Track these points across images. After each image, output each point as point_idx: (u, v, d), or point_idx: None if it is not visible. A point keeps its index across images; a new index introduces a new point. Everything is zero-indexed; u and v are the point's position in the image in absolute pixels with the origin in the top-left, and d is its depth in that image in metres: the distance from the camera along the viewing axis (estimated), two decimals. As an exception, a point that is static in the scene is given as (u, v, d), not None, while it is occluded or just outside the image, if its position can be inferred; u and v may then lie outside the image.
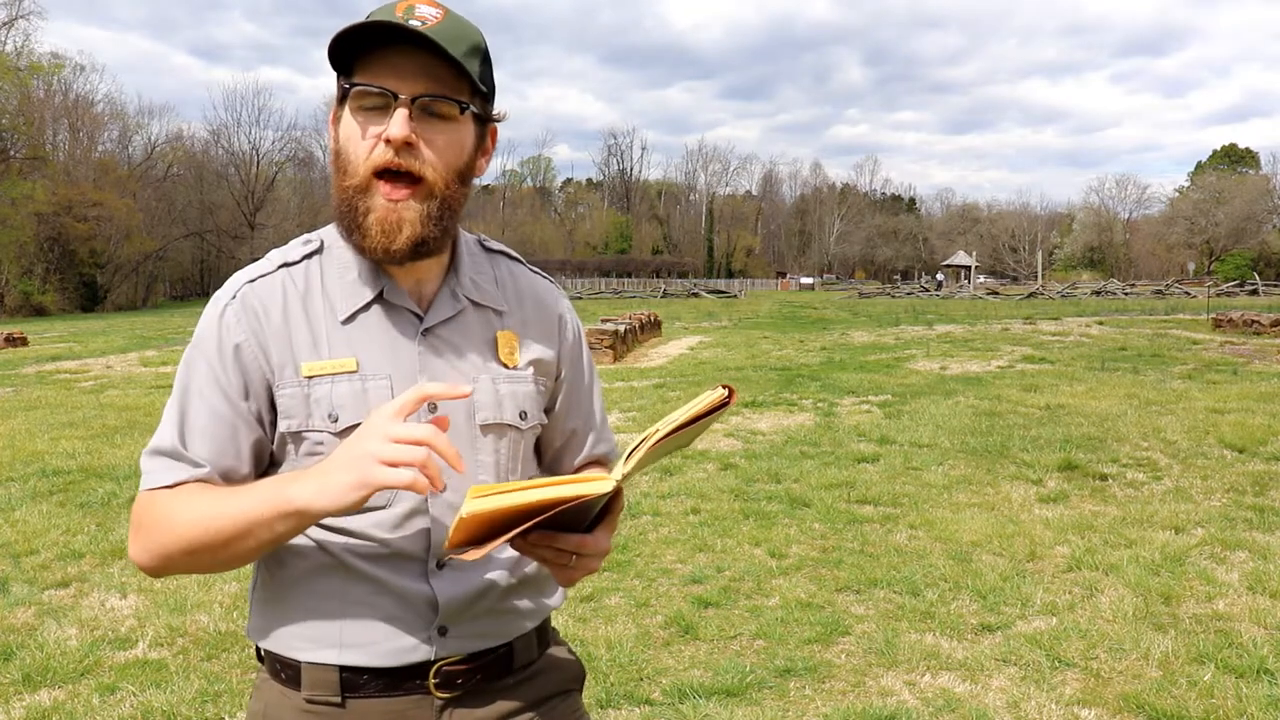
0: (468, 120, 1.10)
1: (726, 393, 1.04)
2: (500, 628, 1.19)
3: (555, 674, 1.27)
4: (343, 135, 1.09)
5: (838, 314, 29.20)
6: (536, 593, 1.23)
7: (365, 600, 1.12)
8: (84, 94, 55.23)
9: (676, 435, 1.00)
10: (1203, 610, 3.91)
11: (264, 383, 1.12)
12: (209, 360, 1.12)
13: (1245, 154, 78.47)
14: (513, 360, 1.21)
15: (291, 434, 1.12)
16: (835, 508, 5.57)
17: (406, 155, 1.06)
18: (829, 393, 10.46)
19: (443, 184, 1.09)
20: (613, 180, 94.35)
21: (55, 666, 3.47)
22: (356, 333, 1.13)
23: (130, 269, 52.05)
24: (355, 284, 1.15)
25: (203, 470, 1.09)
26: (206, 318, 1.15)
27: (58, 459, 7.20)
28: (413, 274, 1.16)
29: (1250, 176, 74.11)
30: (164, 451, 1.11)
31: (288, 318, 1.13)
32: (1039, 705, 3.13)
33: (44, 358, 16.52)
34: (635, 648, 3.61)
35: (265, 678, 1.20)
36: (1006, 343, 16.63)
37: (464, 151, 1.11)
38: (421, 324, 1.16)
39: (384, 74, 1.05)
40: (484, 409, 1.17)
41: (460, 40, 1.06)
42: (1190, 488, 5.93)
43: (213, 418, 1.10)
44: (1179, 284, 48.48)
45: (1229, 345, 15.17)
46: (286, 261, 1.17)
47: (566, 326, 1.30)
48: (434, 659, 1.13)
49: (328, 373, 1.11)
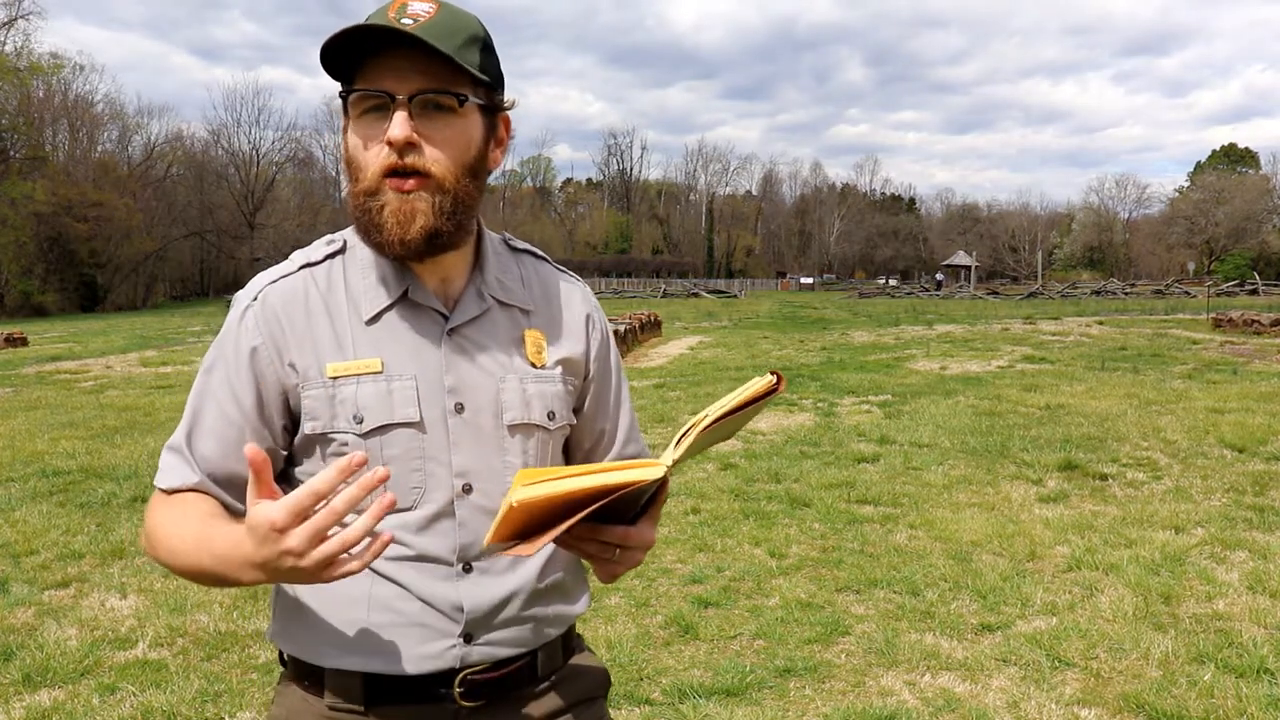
0: (471, 112, 1.09)
1: (775, 380, 1.01)
2: (526, 635, 1.16)
3: (580, 681, 1.25)
4: (351, 144, 1.09)
5: (838, 314, 29.19)
6: (563, 599, 1.21)
7: (390, 605, 1.10)
8: (83, 94, 55.24)
9: (723, 423, 0.97)
10: (1203, 610, 3.91)
11: (279, 387, 1.11)
12: (225, 362, 1.12)
13: (1245, 154, 78.46)
14: (540, 359, 1.19)
15: (317, 436, 1.11)
16: (835, 508, 5.57)
17: (411, 155, 1.05)
18: (829, 393, 10.46)
19: (452, 179, 1.08)
20: (613, 180, 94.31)
21: (55, 666, 3.46)
22: (381, 333, 1.12)
23: (130, 269, 52.04)
24: (379, 283, 1.14)
25: (195, 479, 1.09)
26: (229, 319, 1.14)
27: (58, 459, 7.20)
28: (437, 273, 1.15)
29: (1250, 176, 74.08)
30: (174, 447, 1.12)
31: (311, 318, 1.12)
32: (1039, 705, 3.13)
33: (44, 358, 16.51)
34: (635, 648, 3.61)
35: (287, 682, 1.19)
36: (1006, 342, 16.63)
37: (471, 145, 1.10)
38: (447, 323, 1.14)
39: (381, 77, 1.05)
40: (511, 409, 1.15)
41: (455, 33, 1.04)
42: (1190, 487, 5.93)
43: (221, 420, 1.10)
44: (1179, 284, 48.48)
45: (1229, 345, 15.17)
46: (309, 261, 1.16)
47: (594, 326, 1.28)
48: (459, 666, 1.11)
49: (353, 373, 1.10)
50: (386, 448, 1.10)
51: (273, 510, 0.87)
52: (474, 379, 1.14)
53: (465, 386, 1.13)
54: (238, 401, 1.10)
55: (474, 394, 1.14)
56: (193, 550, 1.02)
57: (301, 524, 0.87)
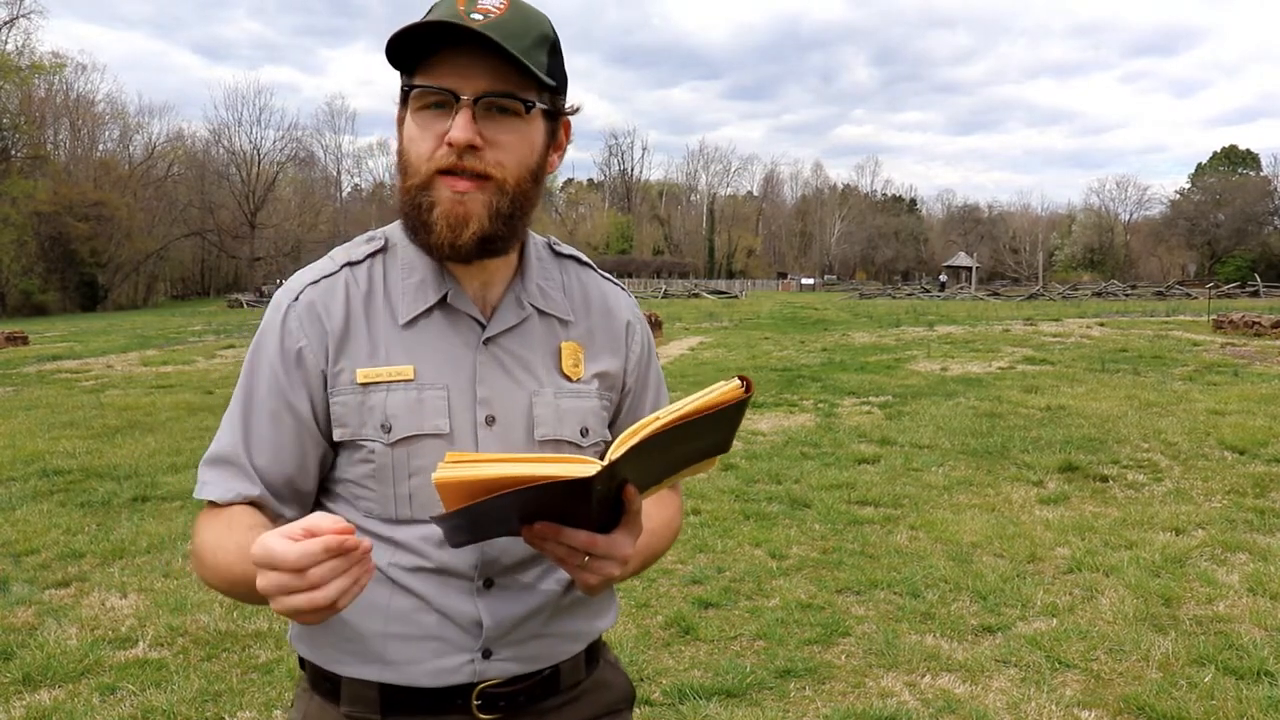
0: (536, 116, 1.05)
1: (743, 385, 0.94)
2: (547, 650, 1.14)
3: (603, 694, 1.22)
4: (406, 137, 1.05)
5: (838, 315, 29.19)
6: (588, 615, 1.18)
7: (408, 617, 1.08)
8: (85, 93, 55.37)
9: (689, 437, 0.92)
10: (1203, 612, 3.90)
11: (324, 389, 1.08)
12: (272, 365, 1.08)
13: (1246, 155, 78.42)
14: (576, 373, 1.15)
15: (345, 443, 1.08)
16: (836, 509, 5.56)
17: (470, 157, 1.01)
18: (830, 393, 10.46)
19: (512, 182, 1.04)
20: (614, 181, 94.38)
21: (55, 666, 3.46)
22: (416, 338, 1.09)
23: (131, 268, 52.12)
24: (418, 287, 1.10)
25: (256, 491, 1.06)
26: (269, 320, 1.10)
27: (58, 459, 7.20)
28: (478, 277, 1.12)
29: (1251, 178, 74.03)
30: (224, 458, 1.07)
31: (349, 320, 1.09)
32: (1039, 707, 3.13)
33: (44, 357, 16.52)
34: (635, 648, 3.61)
35: (305, 687, 1.17)
36: (1007, 344, 16.62)
37: (534, 150, 1.06)
38: (484, 332, 1.11)
39: (445, 74, 1.00)
40: (543, 424, 1.11)
41: (525, 34, 1.00)
42: (1191, 489, 5.93)
43: (275, 426, 1.07)
44: (1180, 285, 48.48)
45: (1230, 347, 15.16)
46: (350, 260, 1.12)
47: (635, 336, 1.23)
48: (477, 681, 1.09)
49: (384, 380, 1.06)
50: (413, 458, 1.06)
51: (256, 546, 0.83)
52: (507, 391, 1.10)
53: (498, 398, 1.10)
54: (291, 407, 1.07)
55: (506, 407, 1.10)
56: (239, 566, 0.97)
57: (269, 574, 0.82)
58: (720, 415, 0.94)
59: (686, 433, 0.92)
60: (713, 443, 1.00)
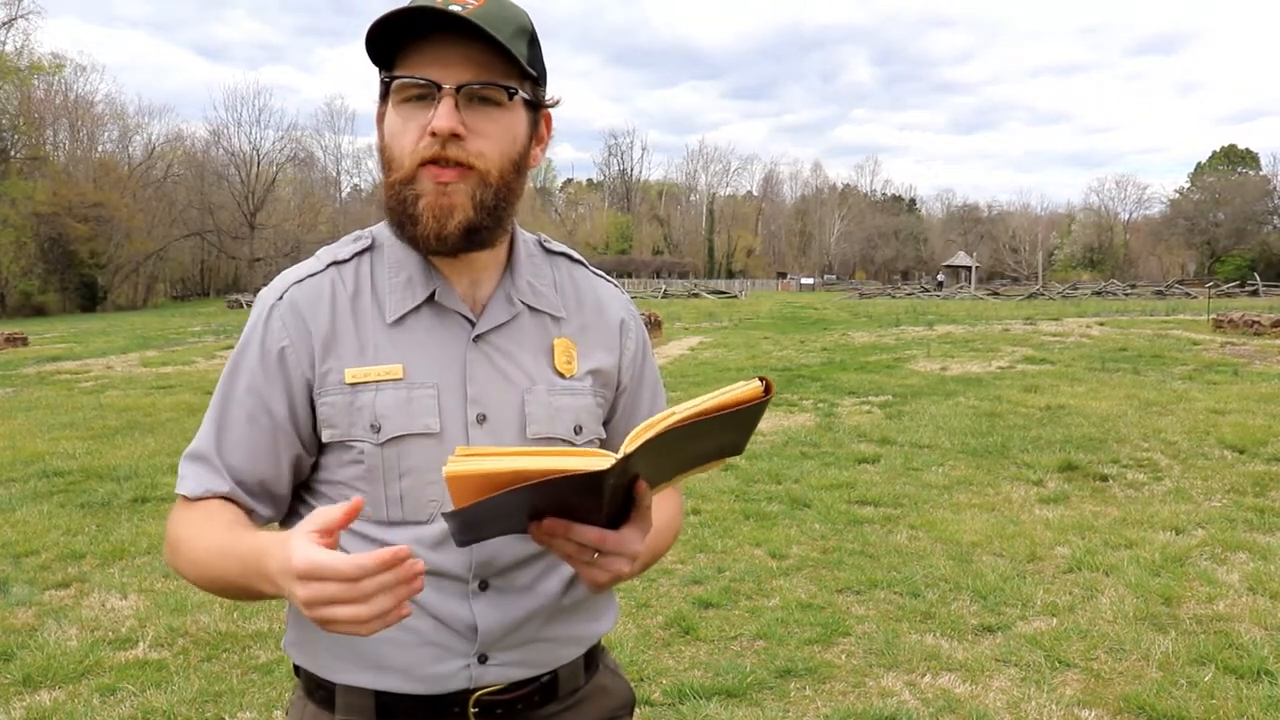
0: (518, 106, 1.05)
1: (763, 386, 0.92)
2: (544, 656, 1.12)
3: (602, 700, 1.21)
4: (388, 131, 1.04)
5: (838, 314, 29.19)
6: (586, 619, 1.17)
7: (402, 622, 1.06)
8: (84, 94, 55.30)
9: (700, 434, 0.91)
10: (1203, 611, 3.91)
11: (307, 391, 1.07)
12: (252, 365, 1.08)
13: (1245, 154, 78.42)
14: (569, 370, 1.14)
15: (334, 444, 1.07)
16: (836, 508, 5.56)
17: (454, 147, 1.00)
18: (829, 393, 10.46)
19: (496, 172, 1.03)
20: (613, 180, 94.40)
21: (55, 667, 3.47)
22: (405, 337, 1.08)
23: (130, 269, 52.10)
24: (406, 285, 1.09)
25: (226, 487, 1.06)
26: (252, 319, 1.10)
27: (58, 459, 7.20)
28: (467, 274, 1.11)
29: (1250, 177, 74.04)
30: (199, 455, 1.08)
31: (335, 319, 1.08)
32: (1039, 706, 3.13)
33: (44, 358, 16.51)
34: (635, 648, 3.61)
35: (300, 695, 1.16)
36: (1007, 343, 16.62)
37: (516, 141, 1.06)
38: (473, 330, 1.10)
39: (426, 64, 1.00)
40: (536, 422, 1.10)
41: (506, 23, 1.00)
42: (1191, 488, 5.93)
43: (251, 425, 1.07)
44: (1180, 284, 48.49)
45: (1229, 346, 15.16)
46: (336, 259, 1.12)
47: (629, 334, 1.22)
48: (473, 687, 1.08)
49: (372, 379, 1.05)
50: (404, 458, 1.05)
51: (299, 557, 0.82)
52: (498, 389, 1.09)
53: (488, 396, 1.09)
54: (267, 407, 1.07)
55: (498, 404, 1.09)
56: (216, 560, 0.99)
57: (314, 585, 0.81)
58: (738, 415, 0.93)
59: (703, 430, 0.91)
60: (727, 442, 0.98)
